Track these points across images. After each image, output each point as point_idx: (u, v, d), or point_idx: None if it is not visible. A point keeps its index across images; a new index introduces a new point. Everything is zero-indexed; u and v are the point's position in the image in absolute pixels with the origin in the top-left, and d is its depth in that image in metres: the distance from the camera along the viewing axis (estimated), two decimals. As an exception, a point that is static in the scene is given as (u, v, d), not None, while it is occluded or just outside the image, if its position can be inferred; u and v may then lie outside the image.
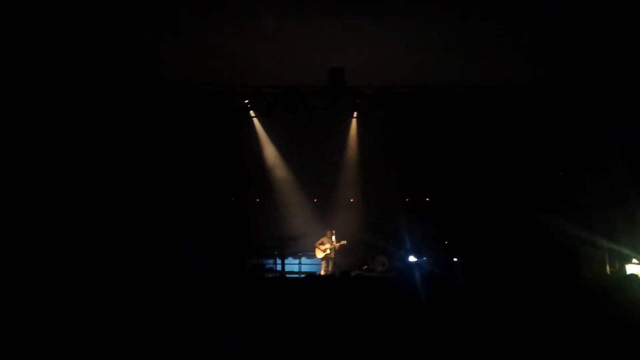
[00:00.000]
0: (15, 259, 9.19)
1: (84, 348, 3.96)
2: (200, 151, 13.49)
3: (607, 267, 11.47)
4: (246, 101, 13.04)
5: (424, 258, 13.88)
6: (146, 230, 12.59)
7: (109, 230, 11.96)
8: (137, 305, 4.79)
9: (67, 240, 10.97)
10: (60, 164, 11.72)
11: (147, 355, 3.95)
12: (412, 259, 13.91)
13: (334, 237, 13.45)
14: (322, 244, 13.63)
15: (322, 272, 13.51)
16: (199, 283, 6.20)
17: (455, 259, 13.48)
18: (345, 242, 13.47)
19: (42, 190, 11.28)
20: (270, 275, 12.94)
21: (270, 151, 14.49)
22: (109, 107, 12.15)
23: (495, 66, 11.26)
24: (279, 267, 13.99)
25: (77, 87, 11.78)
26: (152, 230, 12.73)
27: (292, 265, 14.35)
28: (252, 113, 13.81)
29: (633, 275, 7.74)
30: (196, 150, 13.44)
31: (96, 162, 12.35)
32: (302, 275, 12.97)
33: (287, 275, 13.37)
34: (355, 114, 13.97)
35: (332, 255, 13.56)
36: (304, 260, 14.33)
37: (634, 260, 10.62)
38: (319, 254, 13.68)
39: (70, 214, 11.51)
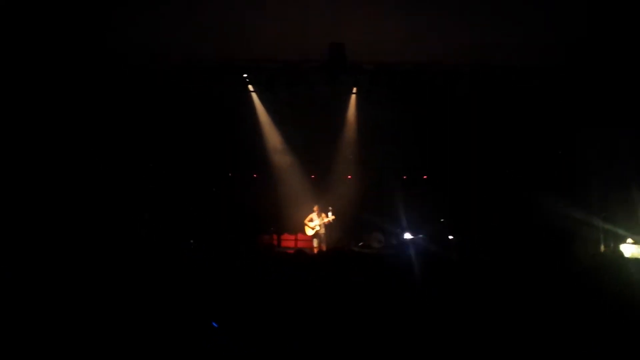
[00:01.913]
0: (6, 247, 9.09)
1: (79, 340, 3.96)
2: (197, 125, 13.40)
3: (602, 247, 11.55)
4: (245, 75, 12.91)
5: (420, 235, 13.94)
6: (148, 215, 12.64)
7: (106, 215, 11.92)
8: (124, 293, 4.78)
9: (64, 221, 10.88)
10: (53, 146, 11.56)
11: (138, 348, 3.95)
12: (408, 236, 13.97)
13: (330, 213, 13.33)
14: (311, 220, 13.42)
15: (315, 250, 13.38)
16: (189, 268, 6.19)
17: (451, 237, 13.55)
18: (334, 217, 13.24)
19: (32, 173, 11.15)
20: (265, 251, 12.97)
21: (268, 126, 14.39)
22: (103, 82, 11.99)
23: (497, 44, 11.14)
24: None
25: (70, 67, 11.57)
26: (153, 213, 12.77)
27: (289, 241, 14.42)
28: (250, 88, 13.69)
29: (629, 257, 7.80)
30: (192, 124, 13.35)
31: (91, 142, 12.25)
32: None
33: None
34: (354, 90, 13.86)
35: (323, 232, 13.36)
36: (300, 236, 14.36)
37: (629, 240, 10.68)
38: (309, 232, 13.50)
39: (67, 197, 11.41)
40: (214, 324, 4.07)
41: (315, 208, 13.37)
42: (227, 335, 4.07)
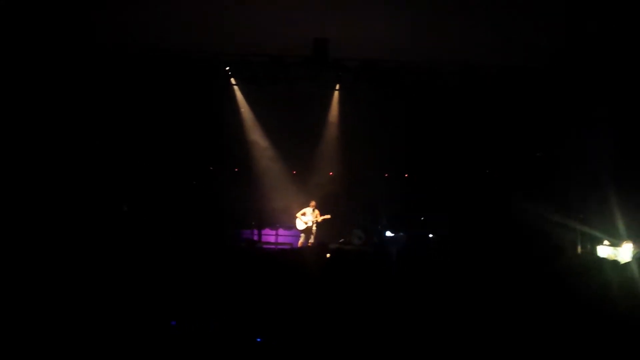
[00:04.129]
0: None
1: (58, 322, 3.89)
2: (178, 117, 13.24)
3: (579, 248, 11.69)
4: (227, 68, 12.81)
5: (400, 233, 13.98)
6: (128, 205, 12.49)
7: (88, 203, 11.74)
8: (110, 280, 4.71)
9: (41, 211, 10.65)
10: (28, 137, 11.28)
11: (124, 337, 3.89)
12: (388, 234, 14.00)
13: (317, 211, 13.26)
14: (304, 215, 13.25)
15: (300, 245, 13.30)
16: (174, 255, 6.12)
17: (430, 235, 13.61)
18: (329, 216, 13.19)
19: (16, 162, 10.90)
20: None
21: (250, 121, 14.29)
22: (84, 73, 11.77)
23: (481, 44, 11.20)
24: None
25: (54, 53, 11.30)
26: (132, 205, 12.61)
27: (270, 236, 14.35)
28: (233, 81, 13.58)
29: (605, 259, 7.89)
30: (174, 116, 13.19)
31: (69, 133, 12.02)
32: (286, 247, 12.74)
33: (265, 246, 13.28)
34: (337, 87, 13.84)
35: (314, 228, 13.21)
36: (281, 231, 14.29)
37: (605, 242, 10.82)
38: (300, 225, 13.33)
39: (44, 188, 11.17)
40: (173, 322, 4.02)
41: (312, 203, 13.22)
42: (211, 332, 4.03)
